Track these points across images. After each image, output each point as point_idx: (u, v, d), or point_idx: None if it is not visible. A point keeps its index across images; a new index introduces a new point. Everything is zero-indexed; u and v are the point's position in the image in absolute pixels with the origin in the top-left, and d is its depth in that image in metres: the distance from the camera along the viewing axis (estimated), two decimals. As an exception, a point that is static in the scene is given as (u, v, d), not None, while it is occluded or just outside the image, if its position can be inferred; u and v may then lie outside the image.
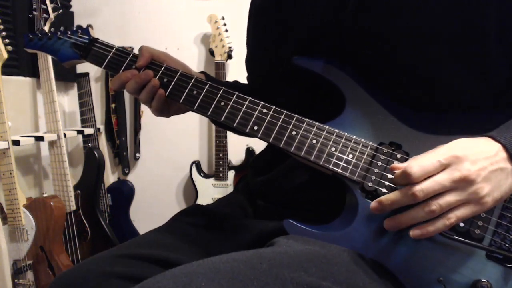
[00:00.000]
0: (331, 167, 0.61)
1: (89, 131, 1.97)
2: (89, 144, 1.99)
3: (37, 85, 1.82)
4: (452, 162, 0.52)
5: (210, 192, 2.02)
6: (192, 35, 2.11)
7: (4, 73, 1.48)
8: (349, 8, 0.63)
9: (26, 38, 0.80)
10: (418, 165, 0.52)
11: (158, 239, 0.71)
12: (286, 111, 0.64)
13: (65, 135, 1.74)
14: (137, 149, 2.17)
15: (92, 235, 1.81)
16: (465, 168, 0.52)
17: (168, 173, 2.19)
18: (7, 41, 1.46)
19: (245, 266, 0.49)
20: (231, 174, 2.02)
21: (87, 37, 0.76)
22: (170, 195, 2.22)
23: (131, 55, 0.73)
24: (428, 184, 0.52)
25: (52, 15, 1.62)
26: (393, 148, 0.61)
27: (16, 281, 1.56)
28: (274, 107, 0.64)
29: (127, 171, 2.18)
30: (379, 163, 0.60)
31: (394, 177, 0.56)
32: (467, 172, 0.51)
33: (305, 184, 0.70)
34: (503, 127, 0.57)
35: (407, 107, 0.62)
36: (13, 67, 1.70)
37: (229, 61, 1.99)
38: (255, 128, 0.64)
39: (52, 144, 1.71)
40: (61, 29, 0.78)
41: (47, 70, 1.66)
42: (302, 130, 0.63)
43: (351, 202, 0.61)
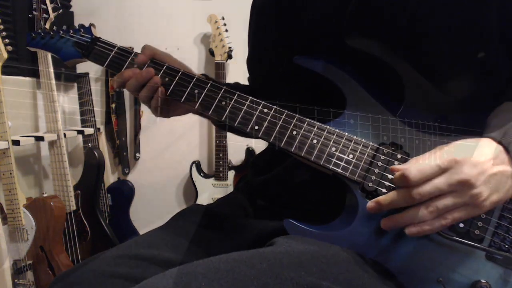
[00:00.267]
0: (331, 167, 0.61)
1: (89, 131, 1.97)
2: (89, 144, 1.99)
3: (37, 85, 1.82)
4: (451, 166, 0.52)
5: (210, 192, 2.02)
6: (192, 35, 2.11)
7: (4, 73, 1.47)
8: (349, 8, 0.63)
9: (28, 36, 0.80)
10: (416, 169, 0.52)
11: (158, 239, 0.71)
12: (287, 111, 0.64)
13: (65, 135, 1.74)
14: (137, 149, 2.17)
15: (92, 235, 1.80)
16: (464, 172, 0.52)
17: (168, 173, 2.19)
18: (7, 41, 1.46)
19: (245, 266, 0.49)
20: (231, 174, 2.02)
21: (90, 36, 0.76)
22: (170, 195, 2.22)
23: (133, 54, 0.73)
24: (426, 188, 0.52)
25: (52, 15, 1.61)
26: (393, 148, 0.61)
27: (16, 281, 1.55)
28: (275, 107, 0.64)
29: (127, 171, 2.17)
30: (379, 163, 0.60)
31: (393, 179, 0.56)
32: (466, 176, 0.51)
33: (305, 184, 0.70)
34: (504, 128, 0.56)
35: (407, 107, 0.62)
36: (13, 67, 1.70)
37: (229, 61, 1.99)
38: (256, 127, 0.64)
39: (52, 144, 1.70)
40: (64, 27, 0.78)
41: (47, 70, 1.66)
42: (302, 130, 0.63)
43: (351, 202, 0.61)
